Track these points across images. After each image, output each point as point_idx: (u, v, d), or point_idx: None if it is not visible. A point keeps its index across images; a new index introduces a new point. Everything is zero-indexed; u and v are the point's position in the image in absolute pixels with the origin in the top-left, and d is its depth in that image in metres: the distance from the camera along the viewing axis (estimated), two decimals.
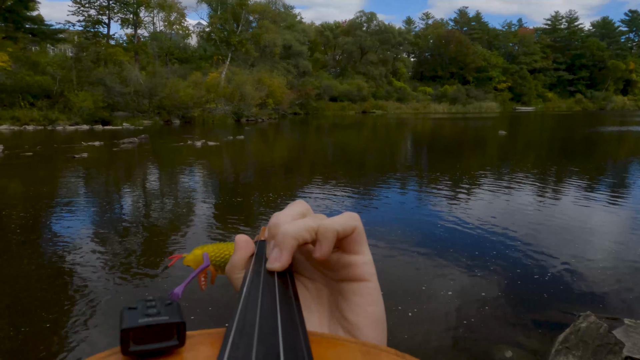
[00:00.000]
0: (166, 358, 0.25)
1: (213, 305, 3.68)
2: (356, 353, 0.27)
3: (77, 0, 35.65)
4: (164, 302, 0.27)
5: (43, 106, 27.40)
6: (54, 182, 9.82)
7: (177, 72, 37.66)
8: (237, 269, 0.38)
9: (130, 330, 0.24)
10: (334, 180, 9.67)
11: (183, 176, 10.71)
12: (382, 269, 4.41)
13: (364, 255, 0.35)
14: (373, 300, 0.35)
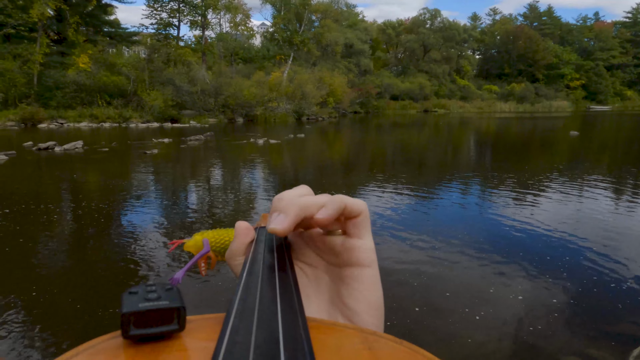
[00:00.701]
0: (166, 342, 0.25)
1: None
2: (355, 339, 0.27)
3: (151, 4, 37.53)
4: (164, 287, 0.28)
5: (118, 105, 29.14)
6: (127, 176, 10.41)
7: (242, 71, 38.73)
8: (237, 255, 0.39)
9: (131, 314, 0.25)
10: (394, 179, 9.56)
11: (245, 173, 11.01)
12: (445, 270, 4.32)
13: (366, 240, 0.35)
14: (373, 287, 0.35)
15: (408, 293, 3.82)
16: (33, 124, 25.64)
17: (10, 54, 28.09)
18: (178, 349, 0.25)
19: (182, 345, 0.25)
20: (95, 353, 0.24)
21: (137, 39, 38.77)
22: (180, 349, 0.25)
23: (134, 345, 0.25)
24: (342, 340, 0.27)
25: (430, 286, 3.98)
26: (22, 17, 27.82)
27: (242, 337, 0.22)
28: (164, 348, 0.25)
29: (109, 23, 37.28)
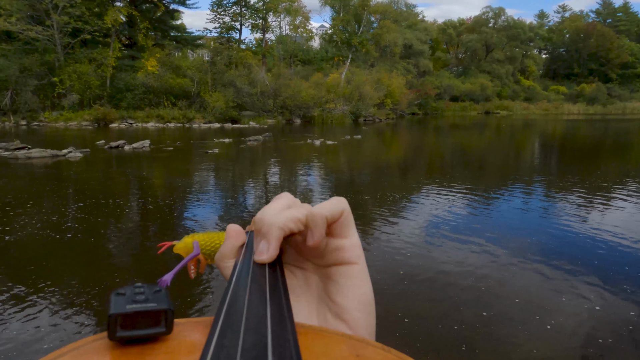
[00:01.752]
0: (153, 345, 0.25)
1: None
2: (343, 346, 0.27)
3: (214, 9, 38.88)
4: (153, 289, 0.27)
5: (182, 106, 30.41)
6: (190, 174, 10.84)
7: (300, 73, 39.23)
8: (227, 257, 0.38)
9: (118, 315, 0.24)
10: (453, 183, 9.34)
11: (302, 173, 11.15)
12: (511, 276, 4.18)
13: (351, 238, 0.35)
14: (361, 283, 0.35)
15: (473, 297, 3.73)
16: (105, 124, 27.28)
17: (86, 58, 30.06)
18: (165, 352, 0.25)
19: (169, 348, 0.25)
20: (80, 354, 0.24)
21: (201, 42, 40.28)
22: (167, 352, 0.25)
23: (120, 347, 0.25)
24: (330, 347, 0.27)
25: (497, 292, 3.86)
26: (97, 23, 29.70)
27: (230, 342, 0.22)
28: (150, 351, 0.25)
29: (175, 28, 38.99)
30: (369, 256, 4.93)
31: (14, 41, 28.96)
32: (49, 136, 20.05)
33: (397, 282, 4.14)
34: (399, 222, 6.30)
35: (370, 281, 0.36)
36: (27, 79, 27.32)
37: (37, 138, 18.51)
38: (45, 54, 29.04)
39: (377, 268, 4.50)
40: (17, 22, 27.06)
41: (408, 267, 4.49)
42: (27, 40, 28.29)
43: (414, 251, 5.01)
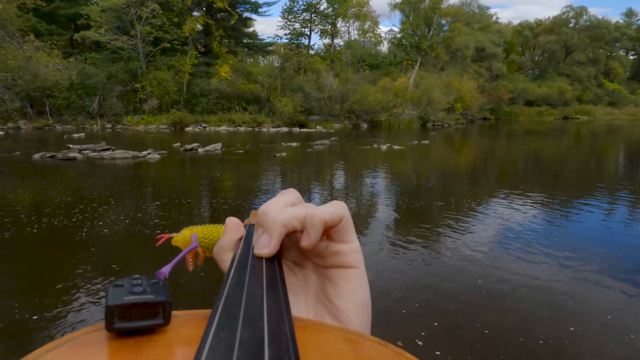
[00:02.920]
0: (150, 336, 0.25)
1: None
2: (339, 339, 0.27)
3: (285, 16, 39.84)
4: (150, 281, 0.27)
5: (253, 110, 31.40)
6: (258, 176, 11.18)
7: (368, 78, 39.18)
8: (226, 250, 0.38)
9: (116, 307, 0.24)
10: (526, 191, 8.93)
11: (367, 177, 11.13)
12: (591, 293, 3.95)
13: (351, 243, 0.35)
14: (360, 286, 0.35)
15: (555, 312, 3.58)
16: (181, 127, 28.74)
17: (165, 65, 31.88)
18: (162, 344, 0.25)
19: (167, 340, 0.25)
20: (78, 345, 0.24)
21: (272, 49, 41.41)
22: (164, 344, 0.25)
23: (118, 339, 0.25)
24: (327, 341, 0.27)
25: (581, 308, 3.67)
26: (176, 32, 31.43)
27: (227, 334, 0.22)
28: (147, 342, 0.25)
29: (248, 35, 40.36)
30: (440, 263, 4.85)
31: (102, 50, 31.35)
32: (131, 138, 21.46)
33: (476, 292, 4.03)
34: (468, 230, 6.13)
35: (368, 285, 0.36)
36: (113, 86, 29.43)
37: (120, 140, 19.88)
38: (129, 62, 31.17)
39: (450, 276, 4.42)
40: (105, 32, 29.28)
41: (485, 277, 4.36)
42: (113, 49, 30.53)
43: (489, 261, 4.85)
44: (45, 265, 4.71)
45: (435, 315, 3.62)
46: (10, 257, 5.10)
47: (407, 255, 5.15)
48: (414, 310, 3.71)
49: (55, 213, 6.81)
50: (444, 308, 3.74)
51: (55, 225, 6.14)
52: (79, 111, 28.80)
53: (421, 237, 5.82)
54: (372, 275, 4.52)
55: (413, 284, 4.31)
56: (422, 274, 4.58)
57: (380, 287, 4.22)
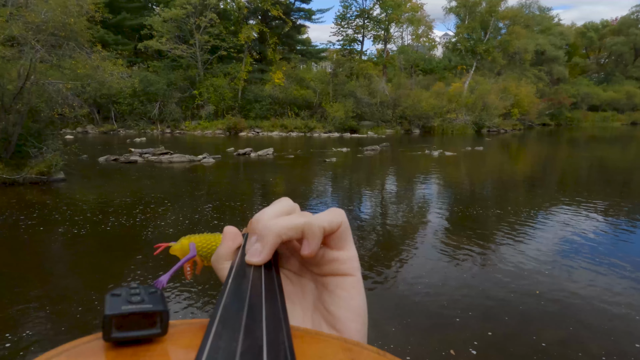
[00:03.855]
0: (148, 346, 0.25)
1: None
2: (337, 349, 0.27)
3: (338, 22, 40.12)
4: (148, 290, 0.27)
5: (305, 116, 31.79)
6: (308, 181, 11.31)
7: (421, 83, 38.66)
8: (223, 259, 0.38)
9: (113, 316, 0.24)
10: (587, 201, 8.52)
11: (418, 184, 10.99)
12: None
13: (348, 250, 0.35)
14: (356, 294, 0.35)
15: (619, 324, 3.43)
16: (235, 132, 29.55)
17: (221, 72, 32.92)
18: (159, 354, 0.25)
19: (164, 350, 0.25)
20: (75, 355, 0.24)
21: (325, 55, 41.79)
22: (161, 354, 0.25)
23: (115, 348, 0.24)
24: (325, 350, 0.27)
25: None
26: (232, 40, 32.42)
27: (225, 344, 0.22)
28: (145, 352, 0.24)
29: (301, 42, 40.99)
30: (495, 271, 4.74)
31: (163, 59, 32.86)
32: (188, 143, 22.31)
33: (534, 302, 3.92)
34: (526, 238, 5.94)
35: (364, 293, 0.36)
36: (172, 92, 30.75)
37: (178, 144, 20.72)
38: (188, 69, 32.46)
39: (506, 285, 4.31)
40: (166, 42, 30.67)
41: (543, 288, 4.23)
42: (174, 57, 31.92)
43: (547, 271, 4.69)
44: (107, 263, 5.01)
45: (490, 324, 3.55)
46: (77, 254, 5.46)
47: (461, 262, 5.07)
48: (467, 318, 3.65)
49: (118, 213, 7.22)
50: (499, 317, 3.66)
51: (117, 225, 6.51)
52: (140, 116, 30.32)
53: (475, 244, 5.69)
54: (425, 281, 4.48)
55: (467, 291, 4.23)
56: (476, 281, 4.49)
57: (433, 293, 4.18)
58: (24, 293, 4.18)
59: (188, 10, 30.16)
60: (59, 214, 7.28)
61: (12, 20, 10.84)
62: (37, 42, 10.73)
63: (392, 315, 3.74)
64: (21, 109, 10.73)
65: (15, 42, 11.00)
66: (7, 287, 4.31)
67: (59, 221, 6.79)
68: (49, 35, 11.05)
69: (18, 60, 10.83)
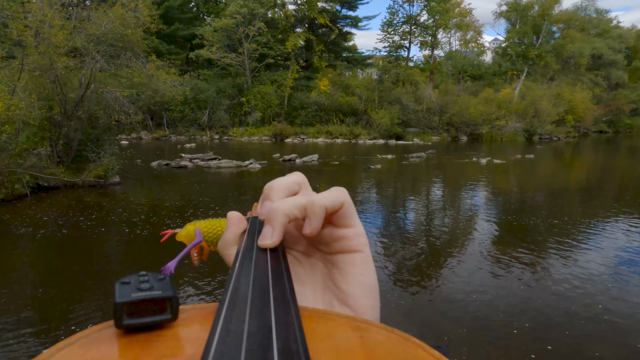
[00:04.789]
0: (159, 332, 0.25)
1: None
2: (346, 327, 0.27)
3: (385, 29, 40.00)
4: (157, 277, 0.28)
5: (350, 122, 31.84)
6: (353, 188, 11.33)
7: (469, 89, 37.88)
8: (230, 245, 0.38)
9: (124, 304, 0.25)
10: None
11: (465, 192, 10.78)
12: None
13: (355, 227, 0.36)
14: (366, 270, 0.35)
15: None
16: (281, 139, 29.99)
17: (269, 80, 33.56)
18: (171, 339, 0.25)
19: (175, 334, 0.25)
20: (88, 343, 0.24)
21: (371, 61, 41.74)
22: (173, 339, 0.25)
23: (127, 335, 0.25)
24: (334, 329, 0.27)
25: None
26: (279, 48, 33.03)
27: (235, 326, 0.23)
28: (157, 337, 0.25)
29: (347, 49, 41.13)
30: (552, 283, 4.60)
31: (213, 67, 33.88)
32: (236, 149, 22.85)
33: (597, 318, 3.78)
34: (583, 250, 5.73)
35: (374, 269, 0.36)
36: (221, 99, 31.62)
37: (226, 150, 21.26)
38: (236, 77, 33.31)
39: (566, 299, 4.18)
40: (216, 51, 31.63)
41: (607, 303, 4.07)
42: (223, 66, 32.86)
43: (611, 284, 4.51)
44: (160, 261, 5.23)
45: (549, 339, 3.44)
46: (133, 252, 5.73)
47: (514, 273, 4.94)
48: (525, 331, 3.56)
49: (169, 215, 7.52)
50: (559, 332, 3.54)
51: (169, 225, 6.77)
52: (191, 123, 31.34)
53: (528, 255, 5.54)
54: (477, 292, 4.41)
55: (522, 303, 4.13)
56: (531, 293, 4.37)
57: (486, 304, 4.11)
58: (87, 286, 4.44)
59: (237, 20, 30.99)
60: (115, 215, 7.66)
61: (75, 33, 11.53)
62: (97, 52, 11.37)
63: (443, 327, 3.70)
64: (82, 115, 11.38)
65: (77, 53, 11.70)
66: (72, 281, 4.59)
67: (115, 222, 7.15)
68: (108, 46, 11.69)
69: (80, 70, 11.51)
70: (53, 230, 6.72)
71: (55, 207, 8.36)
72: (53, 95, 10.93)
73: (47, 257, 5.83)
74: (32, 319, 3.90)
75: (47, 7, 11.00)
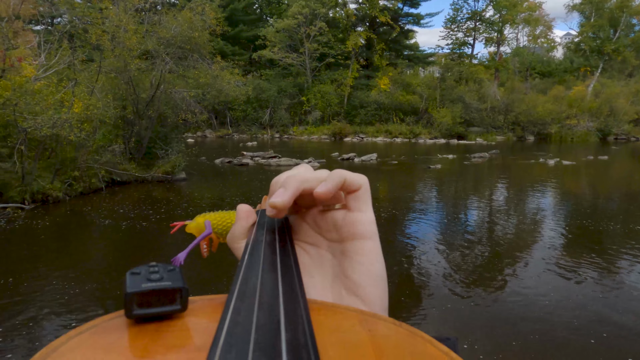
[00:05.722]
0: (169, 322, 0.26)
1: None
2: (354, 321, 0.27)
3: (448, 26, 39.04)
4: (167, 268, 0.28)
5: (410, 121, 31.41)
6: (411, 188, 11.19)
7: (537, 86, 36.17)
8: (239, 238, 0.39)
9: (134, 294, 0.25)
10: None
11: (530, 194, 10.34)
12: None
13: (367, 213, 0.36)
14: (375, 259, 0.35)
15: None
16: (340, 138, 30.09)
17: (329, 79, 33.79)
18: (180, 329, 0.25)
19: (185, 325, 0.26)
20: (98, 332, 0.24)
21: (433, 59, 40.88)
22: (182, 329, 0.25)
23: (137, 325, 0.25)
24: (342, 322, 0.27)
25: None
26: (340, 48, 33.15)
27: (244, 318, 0.23)
28: (166, 328, 0.25)
29: (408, 47, 40.53)
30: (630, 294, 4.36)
31: (274, 67, 34.59)
32: (295, 147, 23.20)
33: None
34: None
35: (383, 260, 0.36)
36: (282, 99, 32.22)
37: (286, 149, 21.64)
38: (297, 77, 33.82)
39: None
40: (278, 51, 32.28)
41: None
42: (284, 66, 33.47)
43: None
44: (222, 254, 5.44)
45: (633, 350, 3.26)
46: None
47: (584, 281, 4.71)
48: (603, 341, 3.39)
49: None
50: (636, 346, 3.34)
51: None
52: (253, 122, 32.20)
53: (599, 263, 5.25)
54: (543, 300, 4.26)
55: (598, 312, 3.93)
56: (608, 303, 4.15)
57: (553, 313, 3.94)
58: None
59: (299, 20, 31.43)
60: (181, 209, 8.04)
61: (147, 36, 12.20)
62: (167, 55, 11.96)
63: (506, 336, 3.60)
64: (152, 115, 12.03)
65: (149, 55, 12.37)
66: None
67: (181, 216, 7.51)
68: (176, 48, 12.28)
69: (151, 72, 12.17)
70: (126, 221, 7.17)
71: (127, 201, 8.91)
72: (126, 96, 11.64)
73: (120, 245, 6.25)
74: (105, 300, 4.21)
75: (122, 12, 11.72)
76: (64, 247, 6.14)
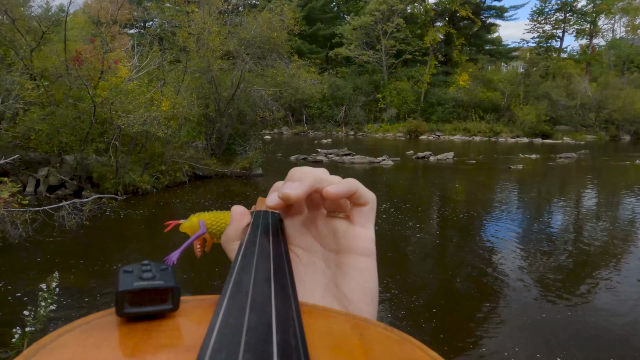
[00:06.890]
0: (160, 321, 0.26)
1: None
2: (345, 325, 0.27)
3: (534, 18, 36.92)
4: (159, 267, 0.28)
5: (490, 119, 30.12)
6: (490, 189, 10.75)
7: (635, 81, 33.20)
8: (233, 240, 0.39)
9: (126, 292, 0.25)
10: None
11: (623, 198, 9.55)
12: None
13: (368, 230, 0.36)
14: (370, 277, 0.35)
15: None
16: (416, 135, 29.55)
17: (405, 76, 33.27)
18: (171, 329, 0.25)
19: (176, 325, 0.26)
20: (89, 329, 0.24)
21: (517, 54, 38.85)
22: (173, 329, 0.25)
23: (128, 323, 0.25)
24: (333, 326, 0.27)
25: None
26: (417, 44, 32.51)
27: (235, 319, 0.23)
28: (157, 327, 0.25)
29: (490, 41, 38.84)
30: None
31: (350, 65, 34.65)
32: (370, 145, 23.12)
33: None
34: None
35: (377, 279, 0.36)
36: (357, 96, 32.23)
37: (360, 146, 21.63)
38: (373, 74, 33.63)
39: None
40: (354, 48, 32.31)
41: None
42: (360, 63, 33.42)
43: None
44: None
45: None
46: None
47: None
48: None
49: None
50: None
51: None
52: (328, 119, 32.53)
53: None
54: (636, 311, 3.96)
55: None
56: None
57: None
58: None
59: (376, 17, 31.21)
60: None
61: (229, 37, 12.74)
62: (247, 55, 12.41)
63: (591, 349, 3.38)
64: (232, 112, 12.54)
65: (230, 55, 12.91)
66: (219, 258, 5.14)
67: None
68: (256, 48, 12.70)
69: (231, 71, 12.69)
70: None
71: (208, 194, 9.37)
72: (209, 94, 12.24)
73: None
74: (185, 285, 4.47)
75: (207, 15, 12.32)
76: (151, 235, 6.59)
